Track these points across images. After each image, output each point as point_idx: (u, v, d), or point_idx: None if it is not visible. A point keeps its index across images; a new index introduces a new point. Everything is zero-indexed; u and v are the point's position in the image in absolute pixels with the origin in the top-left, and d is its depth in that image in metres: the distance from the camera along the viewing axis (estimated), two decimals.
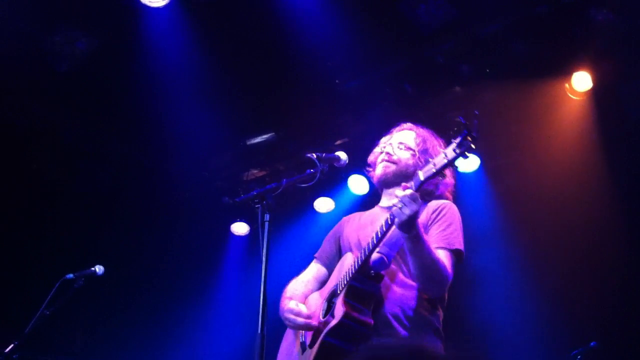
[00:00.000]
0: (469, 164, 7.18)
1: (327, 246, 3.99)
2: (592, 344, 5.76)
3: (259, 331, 2.94)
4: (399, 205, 3.14)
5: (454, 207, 3.73)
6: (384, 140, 4.02)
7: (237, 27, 6.39)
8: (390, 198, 3.82)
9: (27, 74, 6.64)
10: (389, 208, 3.72)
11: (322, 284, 3.90)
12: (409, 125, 4.03)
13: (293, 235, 7.29)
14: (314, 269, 3.95)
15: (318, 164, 3.57)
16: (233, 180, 8.34)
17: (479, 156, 7.14)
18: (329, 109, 7.13)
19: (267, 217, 3.25)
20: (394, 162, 3.81)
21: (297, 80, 6.91)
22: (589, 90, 6.41)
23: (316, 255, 4.02)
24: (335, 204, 7.75)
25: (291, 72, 6.80)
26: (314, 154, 3.60)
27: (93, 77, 6.77)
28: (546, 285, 7.01)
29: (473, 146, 2.96)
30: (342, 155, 3.79)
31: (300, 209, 7.84)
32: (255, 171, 8.27)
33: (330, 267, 3.89)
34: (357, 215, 4.09)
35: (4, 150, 7.09)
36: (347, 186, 7.51)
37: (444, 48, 6.48)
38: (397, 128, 4.05)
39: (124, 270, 7.40)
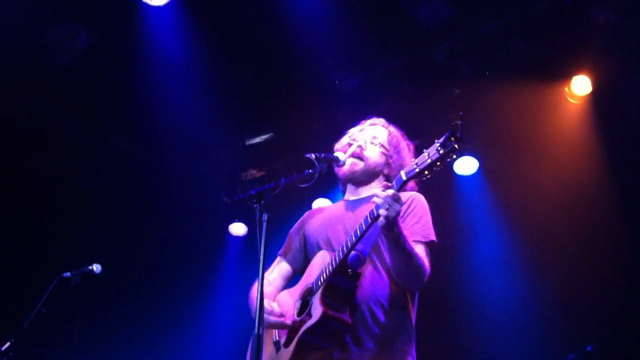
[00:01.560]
0: (468, 166, 7.19)
1: (291, 243, 3.93)
2: (588, 347, 5.75)
3: (256, 331, 2.93)
4: (385, 207, 3.11)
5: (422, 198, 3.71)
6: (353, 131, 3.97)
7: (236, 25, 6.40)
8: (358, 192, 3.82)
9: (26, 70, 6.62)
10: (355, 201, 3.75)
11: (288, 281, 3.87)
12: (382, 122, 3.99)
13: None
14: (280, 267, 3.91)
15: (317, 164, 3.56)
16: (231, 179, 8.33)
17: (477, 159, 7.15)
18: (328, 109, 7.13)
19: (265, 216, 3.22)
20: (362, 159, 3.78)
21: (297, 80, 6.91)
22: (588, 95, 6.43)
23: (280, 252, 3.96)
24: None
25: (291, 71, 6.80)
26: (313, 155, 3.59)
27: (93, 73, 6.77)
28: (543, 288, 7.00)
29: (457, 146, 2.92)
30: (341, 156, 3.78)
31: (298, 209, 7.81)
32: (254, 171, 8.26)
33: (295, 264, 3.86)
34: (320, 209, 4.06)
35: (1, 147, 7.06)
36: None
37: (445, 46, 6.47)
38: (370, 122, 4.00)
39: (121, 268, 7.39)
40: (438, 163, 3.00)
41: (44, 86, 6.90)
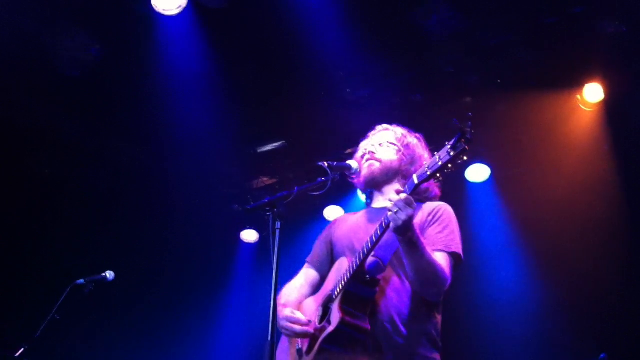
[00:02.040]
0: (480, 173, 7.19)
1: (318, 250, 3.93)
2: (601, 355, 5.72)
3: (269, 339, 2.93)
4: (394, 210, 3.10)
5: (450, 209, 3.66)
6: (363, 144, 3.98)
7: (248, 35, 6.42)
8: (384, 198, 3.79)
9: (28, 72, 6.61)
10: (382, 209, 3.68)
11: (315, 288, 3.85)
12: (385, 126, 4.00)
13: (303, 243, 7.30)
14: (307, 274, 3.90)
15: (329, 172, 3.55)
16: (243, 187, 8.36)
17: (489, 166, 7.15)
18: (339, 117, 7.14)
19: (277, 224, 3.23)
20: (377, 160, 3.78)
21: (308, 89, 6.93)
22: (600, 102, 6.42)
23: (308, 259, 3.96)
24: (345, 213, 7.74)
25: (302, 80, 6.82)
26: (325, 162, 3.58)
27: (105, 81, 6.78)
28: (555, 296, 6.99)
29: (467, 148, 2.91)
30: (354, 164, 3.78)
31: (310, 217, 7.85)
32: (266, 179, 8.28)
33: (322, 271, 3.85)
34: (347, 217, 4.05)
35: (9, 151, 7.09)
36: (357, 195, 7.50)
37: (455, 58, 6.49)
38: (374, 131, 4.01)
39: (132, 275, 7.40)
40: (449, 165, 2.99)
41: (49, 89, 6.89)
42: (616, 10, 5.87)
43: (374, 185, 3.84)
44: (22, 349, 4.68)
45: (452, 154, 2.95)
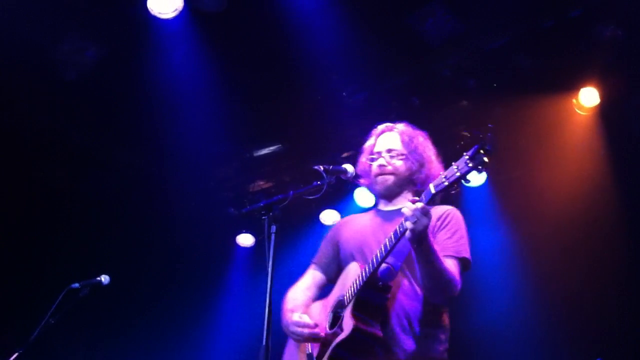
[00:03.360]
0: (476, 178, 7.18)
1: (324, 251, 3.94)
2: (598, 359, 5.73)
3: (264, 343, 2.93)
4: (412, 220, 3.09)
5: (459, 214, 3.69)
6: (368, 147, 3.97)
7: (244, 39, 6.42)
8: (390, 202, 3.82)
9: (34, 82, 6.63)
10: (391, 212, 3.74)
11: (322, 289, 3.87)
12: (389, 126, 3.97)
13: (299, 247, 7.28)
14: (313, 275, 3.92)
15: (325, 176, 3.56)
16: (239, 191, 8.35)
17: (485, 170, 7.13)
18: (336, 121, 7.15)
19: (273, 228, 3.24)
20: (391, 173, 3.78)
21: (305, 92, 6.93)
22: (596, 106, 6.42)
23: (314, 260, 3.97)
24: (341, 217, 7.74)
25: (299, 84, 6.82)
26: (321, 166, 3.60)
27: (101, 86, 6.78)
28: (550, 300, 6.98)
29: (486, 159, 2.91)
30: (349, 168, 3.78)
31: (306, 220, 7.84)
32: (262, 182, 8.28)
33: (328, 272, 3.87)
34: (353, 218, 4.04)
35: (10, 159, 7.09)
36: (353, 199, 7.51)
37: (451, 62, 6.49)
38: (378, 132, 3.98)
39: (128, 280, 7.38)
40: (467, 177, 3.00)
41: (52, 98, 6.91)
42: (612, 14, 5.88)
43: (387, 197, 3.84)
44: (16, 354, 4.65)
45: (470, 165, 2.94)
